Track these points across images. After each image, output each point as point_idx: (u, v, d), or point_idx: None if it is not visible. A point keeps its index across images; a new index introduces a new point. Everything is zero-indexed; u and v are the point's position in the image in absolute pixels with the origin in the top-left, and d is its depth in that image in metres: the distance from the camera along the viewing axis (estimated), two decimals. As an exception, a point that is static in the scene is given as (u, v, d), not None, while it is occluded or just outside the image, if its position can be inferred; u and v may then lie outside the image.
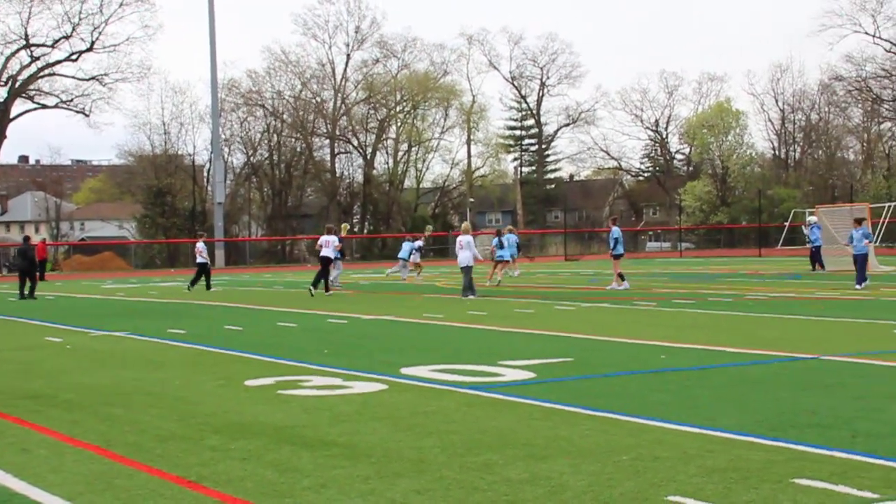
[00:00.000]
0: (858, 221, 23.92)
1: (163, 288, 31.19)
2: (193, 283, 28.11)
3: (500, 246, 27.10)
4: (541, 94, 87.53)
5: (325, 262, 25.11)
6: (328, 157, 76.94)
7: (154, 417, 7.36)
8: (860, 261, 22.20)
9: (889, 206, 53.31)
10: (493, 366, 9.62)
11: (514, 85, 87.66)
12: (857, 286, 21.47)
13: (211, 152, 67.27)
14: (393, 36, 79.20)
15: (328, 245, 25.03)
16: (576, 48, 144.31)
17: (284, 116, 75.06)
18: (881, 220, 53.63)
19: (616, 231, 24.14)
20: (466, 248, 21.42)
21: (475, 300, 20.03)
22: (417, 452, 5.90)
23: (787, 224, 46.48)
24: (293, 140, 75.84)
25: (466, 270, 21.30)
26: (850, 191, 63.61)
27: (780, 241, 56.14)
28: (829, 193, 70.97)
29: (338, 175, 77.47)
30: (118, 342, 13.43)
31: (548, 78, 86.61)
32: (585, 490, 4.91)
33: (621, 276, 22.86)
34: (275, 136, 74.97)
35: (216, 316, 18.27)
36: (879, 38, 67.82)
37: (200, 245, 29.22)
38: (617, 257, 23.53)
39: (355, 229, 76.14)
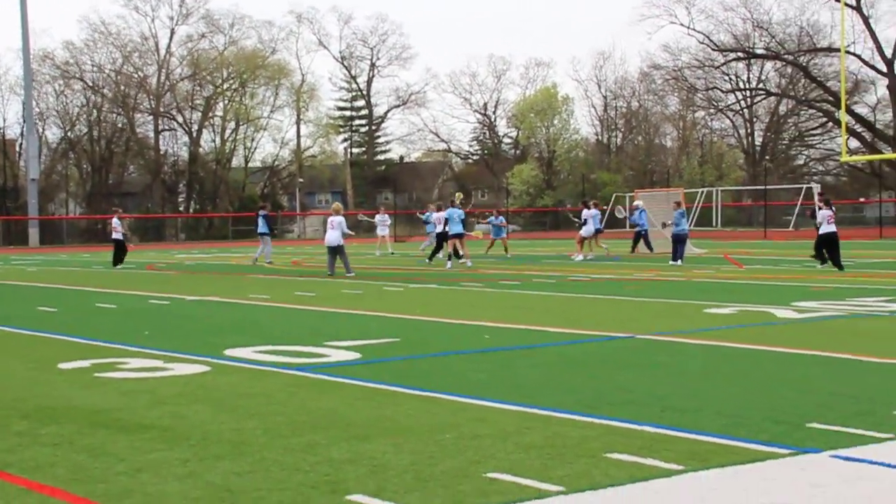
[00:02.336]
0: (677, 204, 25.89)
1: (-28, 268, 29.61)
2: (118, 261, 27.54)
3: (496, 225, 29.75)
4: (371, 74, 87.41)
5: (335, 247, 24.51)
6: (152, 134, 74.64)
7: (-42, 403, 6.99)
8: (679, 240, 24.32)
9: (702, 192, 55.73)
10: (318, 347, 9.58)
11: (344, 65, 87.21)
12: (672, 262, 23.53)
13: (23, 126, 64.15)
14: (220, 11, 77.89)
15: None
16: (406, 29, 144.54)
17: (105, 91, 72.30)
18: (695, 205, 56.02)
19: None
20: (337, 228, 21.68)
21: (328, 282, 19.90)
22: (239, 434, 5.81)
23: (608, 208, 48.01)
24: (114, 115, 73.18)
25: (332, 251, 21.57)
26: (667, 176, 66.35)
27: (602, 224, 58.11)
28: (647, 178, 73.86)
29: (162, 153, 75.28)
30: (-80, 325, 12.67)
31: (378, 59, 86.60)
32: (407, 468, 4.95)
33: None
34: (94, 110, 72.12)
35: (28, 296, 17.50)
36: (693, 29, 70.96)
37: (115, 221, 28.57)
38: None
39: (180, 208, 74.32)
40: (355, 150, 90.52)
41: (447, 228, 25.42)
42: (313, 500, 4.45)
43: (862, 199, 67.33)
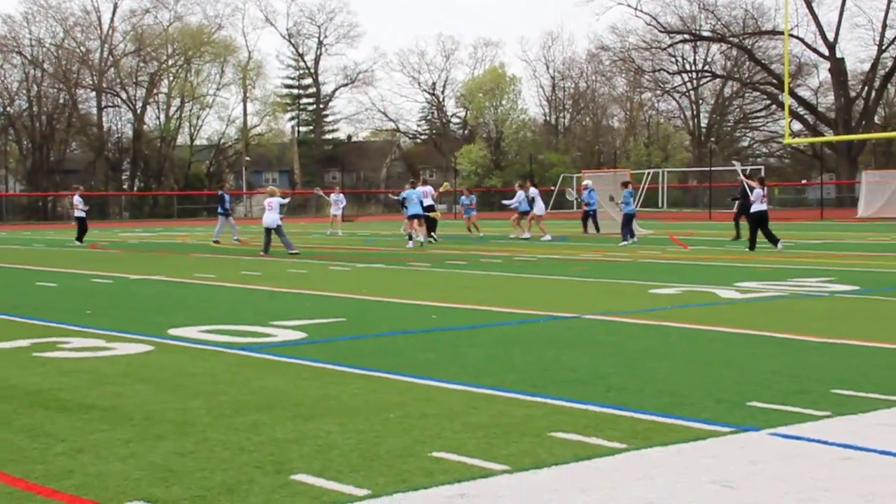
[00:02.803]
0: (625, 184, 26.29)
1: None
2: (80, 238, 27.69)
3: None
4: (319, 52, 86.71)
5: (427, 214, 25.71)
6: (95, 111, 73.41)
7: None
8: (627, 220, 24.72)
9: (648, 173, 56.19)
10: (264, 326, 9.52)
11: (291, 43, 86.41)
12: (623, 243, 23.91)
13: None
14: (165, -14, 76.12)
15: (426, 196, 23.79)
16: (353, 7, 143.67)
17: (45, 66, 70.91)
18: (641, 186, 56.44)
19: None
20: (275, 208, 21.81)
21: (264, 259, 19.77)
22: (182, 414, 5.76)
23: (554, 189, 48.17)
24: (55, 91, 71.81)
25: (269, 231, 21.62)
26: (614, 157, 66.81)
27: (550, 205, 58.42)
28: (595, 159, 74.31)
29: (105, 129, 74.09)
30: None
31: (326, 37, 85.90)
32: (353, 448, 4.94)
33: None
34: (34, 86, 70.72)
35: (-32, 276, 17.16)
36: (641, 11, 71.36)
37: (77, 199, 28.44)
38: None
39: (124, 186, 73.32)
40: (303, 129, 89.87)
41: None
42: (257, 480, 4.43)
43: (804, 182, 68.37)
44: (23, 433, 5.36)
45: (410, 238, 25.02)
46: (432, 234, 26.99)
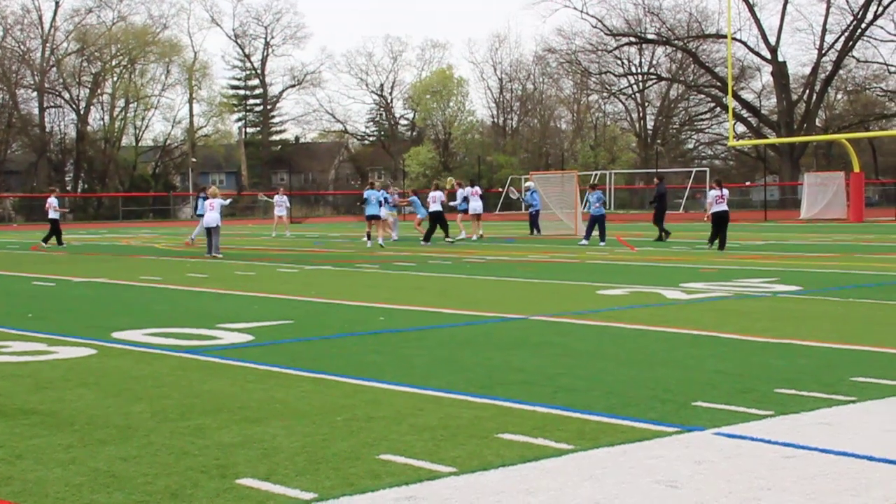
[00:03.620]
0: (593, 187, 26.83)
1: None
2: (47, 239, 27.45)
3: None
4: (265, 53, 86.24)
5: (437, 216, 26.49)
6: (36, 111, 72.22)
7: None
8: (593, 221, 25.30)
9: (596, 174, 56.53)
10: (210, 329, 9.42)
11: (237, 43, 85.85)
12: (584, 242, 24.74)
13: None
14: (108, -16, 75.13)
15: (435, 201, 23.86)
16: (300, 8, 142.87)
17: (-15, 65, 69.62)
18: (588, 188, 56.42)
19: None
20: (217, 208, 21.84)
21: (221, 261, 19.56)
22: (125, 419, 5.68)
23: (503, 190, 48.30)
24: (-4, 91, 70.52)
25: (214, 231, 21.67)
26: (561, 158, 67.19)
27: (498, 206, 58.61)
28: (543, 160, 74.71)
29: (47, 130, 72.94)
30: None
31: (272, 38, 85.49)
32: (299, 451, 4.91)
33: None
34: (-26, 85, 69.43)
35: None
36: (587, 13, 72.02)
37: (52, 199, 28.26)
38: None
39: (68, 188, 72.21)
40: (250, 130, 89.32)
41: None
42: (202, 485, 4.38)
43: (748, 183, 69.32)
44: (-40, 439, 5.24)
45: (369, 237, 25.16)
46: (448, 236, 27.31)
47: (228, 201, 23.67)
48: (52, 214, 27.94)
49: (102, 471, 4.61)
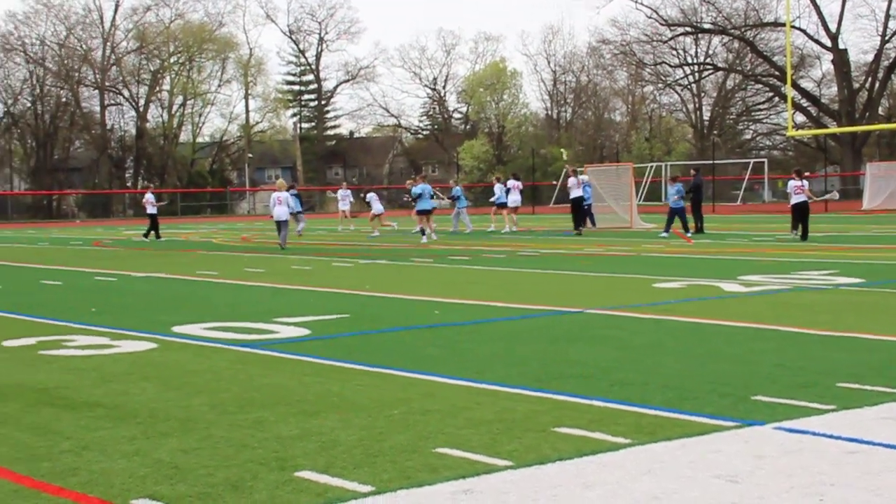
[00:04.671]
0: (674, 179, 26.70)
1: (-88, 245, 29.02)
2: (147, 234, 28.73)
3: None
4: (320, 49, 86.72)
5: (577, 203, 27.19)
6: (98, 109, 73.44)
7: None
8: (672, 213, 25.19)
9: (651, 167, 56.08)
10: (267, 323, 9.52)
11: (292, 39, 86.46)
12: (664, 234, 24.61)
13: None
14: (166, -17, 76.10)
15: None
16: (354, 3, 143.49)
17: (48, 64, 70.95)
18: (644, 180, 56.34)
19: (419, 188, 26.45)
20: (284, 203, 22.57)
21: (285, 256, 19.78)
22: (186, 412, 5.76)
23: (557, 183, 48.08)
24: (58, 90, 71.86)
25: (283, 225, 22.41)
26: (616, 151, 66.75)
27: (553, 199, 58.38)
28: (597, 153, 74.26)
29: (108, 128, 74.15)
30: None
31: (326, 33, 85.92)
32: (356, 444, 4.94)
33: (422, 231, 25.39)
34: (38, 84, 70.77)
35: (-28, 274, 17.18)
36: (642, 4, 71.22)
37: (149, 195, 29.63)
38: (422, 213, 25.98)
39: (128, 184, 73.34)
40: (304, 125, 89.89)
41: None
42: (261, 477, 4.43)
43: (807, 174, 68.23)
44: (29, 431, 5.36)
45: (423, 233, 25.24)
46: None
47: (295, 192, 24.42)
48: (150, 210, 29.15)
49: (165, 462, 4.69)
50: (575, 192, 27.46)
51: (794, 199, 22.34)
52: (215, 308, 11.17)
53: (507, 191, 30.38)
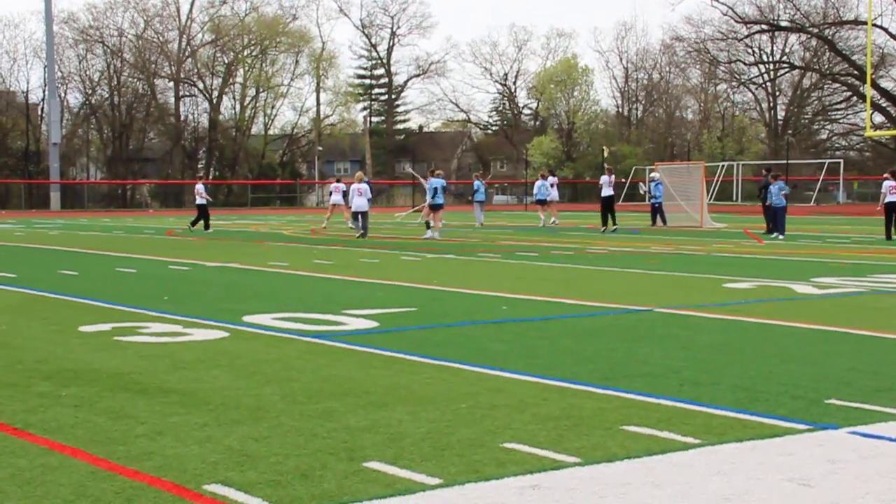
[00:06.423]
0: (775, 177, 26.36)
1: (-7, 231, 29.81)
2: (194, 223, 28.90)
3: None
4: (391, 43, 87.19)
5: (607, 202, 27.78)
6: (172, 100, 74.72)
7: (-21, 365, 7.05)
8: (780, 213, 24.58)
9: (722, 166, 55.32)
10: (336, 314, 9.60)
11: (364, 33, 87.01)
12: (780, 237, 23.79)
13: (45, 90, 64.37)
14: (241, -23, 77.13)
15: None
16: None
17: (126, 56, 72.35)
18: (715, 179, 55.60)
19: (434, 182, 25.91)
20: (364, 194, 24.16)
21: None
22: (257, 400, 5.85)
23: (626, 181, 47.71)
24: (135, 81, 73.25)
25: (363, 216, 24.10)
26: (687, 149, 66.00)
27: (622, 197, 57.92)
28: (668, 151, 73.54)
29: (182, 119, 75.37)
30: (-58, 286, 12.77)
31: (398, 27, 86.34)
32: (424, 437, 4.97)
33: (427, 225, 25.47)
34: (115, 75, 72.20)
35: (50, 260, 17.61)
36: (717, 1, 70.19)
37: (200, 186, 29.78)
38: (434, 207, 25.51)
39: (200, 174, 74.47)
40: (374, 119, 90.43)
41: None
42: (330, 466, 4.48)
43: (886, 175, 66.72)
44: (105, 415, 5.49)
45: (428, 226, 25.46)
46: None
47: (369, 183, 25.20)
48: (199, 200, 29.13)
49: (236, 449, 4.76)
50: (606, 191, 27.63)
51: (889, 199, 22.88)
52: (285, 298, 11.29)
53: (551, 186, 32.33)
